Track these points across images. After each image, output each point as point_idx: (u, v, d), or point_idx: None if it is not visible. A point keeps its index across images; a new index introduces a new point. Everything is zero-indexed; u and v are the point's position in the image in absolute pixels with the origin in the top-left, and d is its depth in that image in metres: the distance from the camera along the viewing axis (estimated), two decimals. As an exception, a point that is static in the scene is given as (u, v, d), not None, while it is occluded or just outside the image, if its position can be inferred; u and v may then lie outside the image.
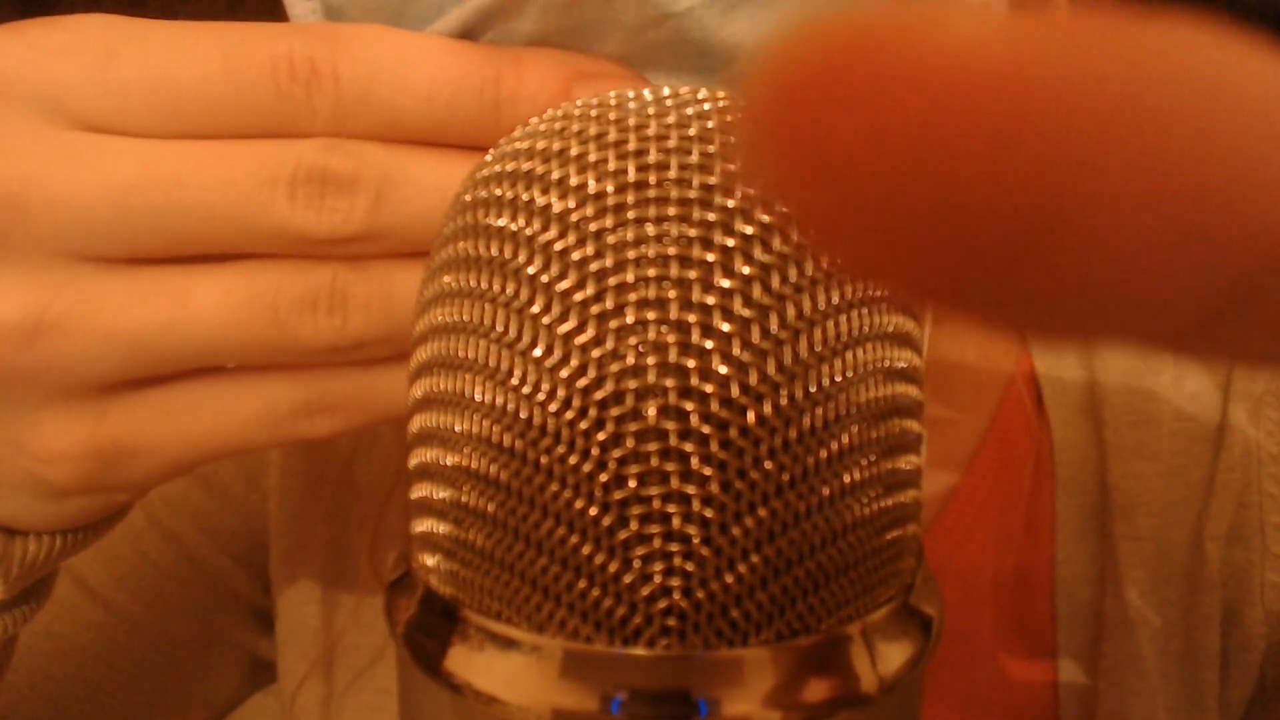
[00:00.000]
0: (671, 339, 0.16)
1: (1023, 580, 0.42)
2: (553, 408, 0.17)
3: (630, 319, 0.16)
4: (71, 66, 0.22)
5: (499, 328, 0.17)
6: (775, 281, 0.17)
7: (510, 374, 0.17)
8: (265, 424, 0.24)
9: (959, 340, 0.44)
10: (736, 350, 0.16)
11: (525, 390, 0.17)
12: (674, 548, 0.16)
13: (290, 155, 0.22)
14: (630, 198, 0.17)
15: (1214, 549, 0.41)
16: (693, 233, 0.17)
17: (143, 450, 0.24)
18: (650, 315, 0.16)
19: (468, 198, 0.19)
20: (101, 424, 0.23)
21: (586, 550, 0.17)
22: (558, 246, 0.17)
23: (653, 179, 0.17)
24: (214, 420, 0.24)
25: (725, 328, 0.16)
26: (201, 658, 0.46)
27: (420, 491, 0.19)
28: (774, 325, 0.17)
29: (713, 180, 0.17)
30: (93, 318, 0.22)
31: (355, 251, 0.23)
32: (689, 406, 0.16)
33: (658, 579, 0.16)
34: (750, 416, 0.16)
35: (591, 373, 0.16)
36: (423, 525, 0.19)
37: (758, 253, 0.17)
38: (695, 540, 0.16)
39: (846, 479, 0.17)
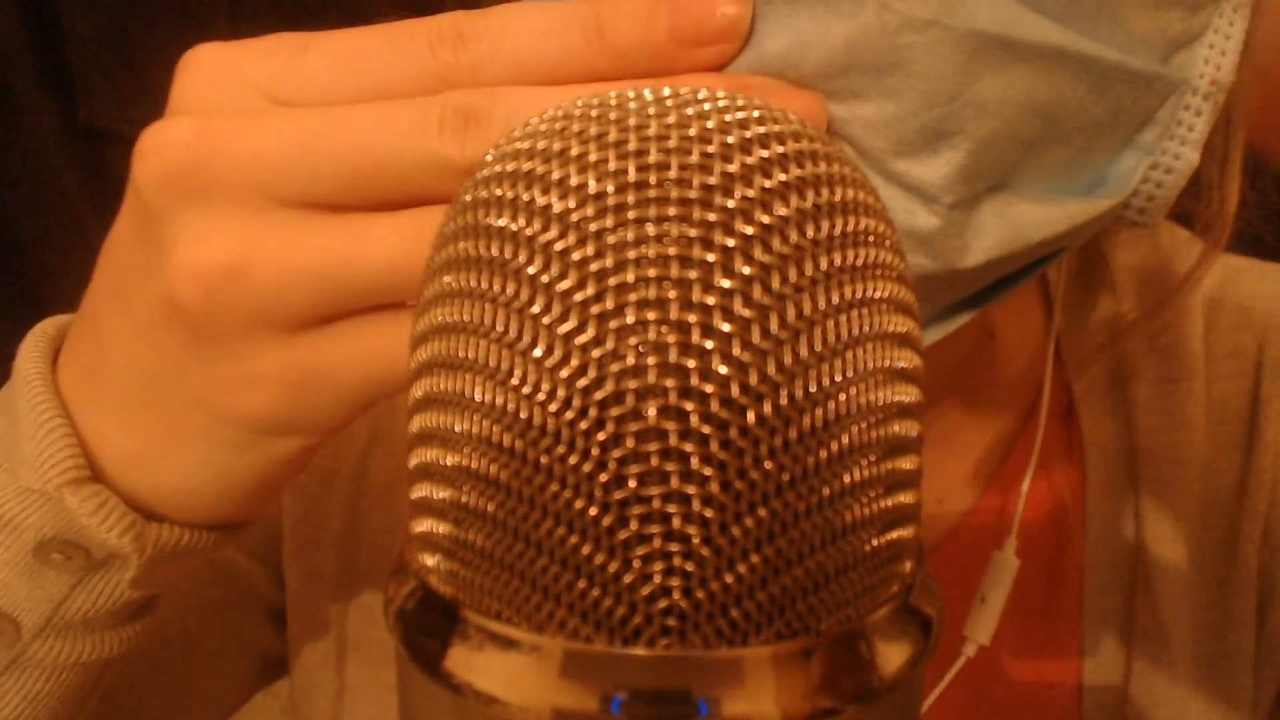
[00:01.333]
0: (672, 339, 0.16)
1: (1052, 585, 0.42)
2: (553, 408, 0.17)
3: (630, 319, 0.16)
4: (276, 58, 0.27)
5: (499, 328, 0.17)
6: (775, 282, 0.17)
7: (510, 374, 0.17)
8: None
9: (1013, 353, 0.44)
10: (737, 350, 0.16)
11: (525, 390, 0.17)
12: (674, 548, 0.16)
13: (440, 99, 0.26)
14: (630, 198, 0.17)
15: (1249, 551, 0.41)
16: (693, 233, 0.17)
17: (325, 376, 0.26)
18: (650, 315, 0.16)
19: (468, 198, 0.19)
20: (291, 351, 0.26)
21: (586, 550, 0.17)
22: (558, 246, 0.17)
23: (653, 179, 0.17)
24: (385, 348, 0.26)
25: (725, 328, 0.16)
26: (216, 655, 0.46)
27: (420, 491, 0.19)
28: (774, 325, 0.17)
29: (713, 180, 0.17)
30: (285, 256, 0.25)
31: None
32: (689, 407, 0.16)
33: (658, 579, 0.16)
34: (750, 417, 0.16)
35: (592, 373, 0.16)
36: (423, 525, 0.19)
37: (758, 253, 0.17)
38: (695, 540, 0.16)
39: (847, 479, 0.17)
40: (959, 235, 0.28)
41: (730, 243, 0.17)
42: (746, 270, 0.17)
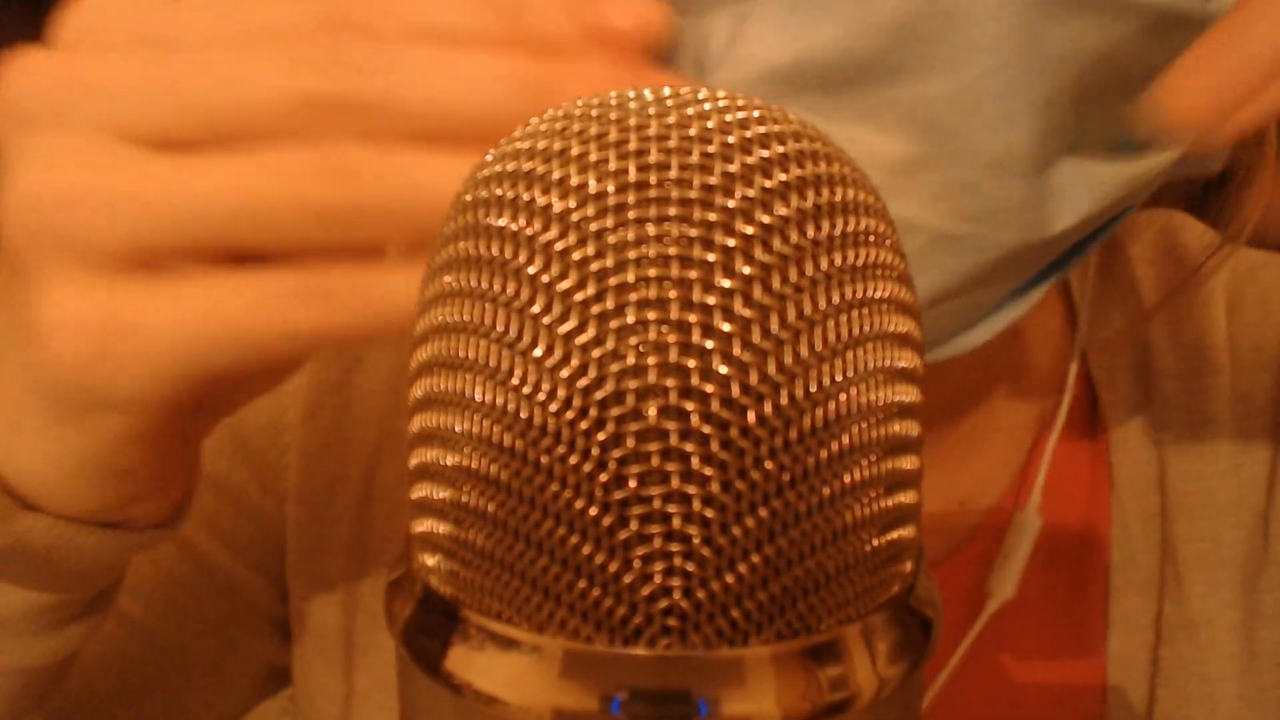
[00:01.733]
0: (672, 339, 0.16)
1: (1078, 585, 0.42)
2: (553, 408, 0.17)
3: (631, 319, 0.16)
4: (153, 2, 0.26)
5: (499, 328, 0.17)
6: (776, 281, 0.17)
7: (511, 374, 0.17)
8: (260, 308, 0.25)
9: (1033, 345, 0.44)
10: (737, 350, 0.16)
11: (525, 390, 0.17)
12: (674, 548, 0.16)
13: (316, 39, 0.24)
14: (631, 198, 0.17)
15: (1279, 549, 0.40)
16: (693, 233, 0.17)
17: (143, 330, 0.25)
18: (651, 315, 0.16)
19: (468, 198, 0.19)
20: (110, 295, 0.25)
21: (587, 550, 0.17)
22: (558, 246, 0.17)
23: (653, 179, 0.17)
24: (211, 303, 0.25)
25: (726, 328, 0.16)
26: (215, 668, 0.45)
27: (420, 492, 0.19)
28: (775, 325, 0.17)
29: (713, 180, 0.17)
30: (118, 185, 0.24)
31: (369, 125, 0.25)
32: (690, 406, 0.16)
33: (658, 579, 0.16)
34: (751, 416, 0.16)
35: (592, 373, 0.16)
36: (423, 525, 0.19)
37: (758, 253, 0.17)
38: (696, 540, 0.16)
39: (847, 479, 0.17)
40: (1043, 202, 0.27)
41: (731, 242, 0.17)
42: (747, 270, 0.17)
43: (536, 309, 0.17)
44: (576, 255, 0.17)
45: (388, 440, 0.44)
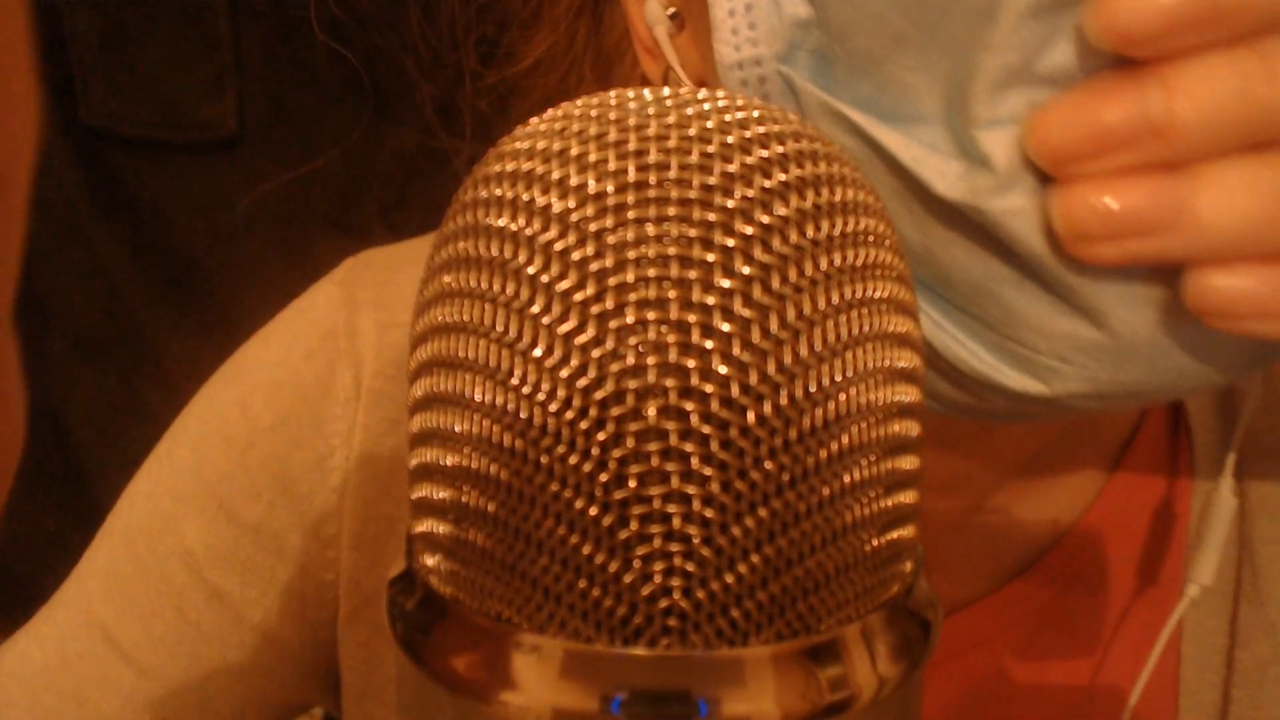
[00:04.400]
0: (672, 339, 0.16)
1: (1151, 604, 0.41)
2: (553, 408, 0.17)
3: (631, 319, 0.16)
4: None
5: (499, 328, 0.17)
6: (775, 281, 0.17)
7: (510, 374, 0.17)
8: None
9: None
10: (737, 350, 0.16)
11: (525, 390, 0.17)
12: (674, 547, 0.16)
13: None
14: (630, 198, 0.17)
15: None
16: (693, 233, 0.17)
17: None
18: (651, 315, 0.16)
19: (468, 198, 0.19)
20: None
21: (587, 550, 0.17)
22: (558, 246, 0.17)
23: (653, 179, 0.17)
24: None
25: (726, 328, 0.16)
26: (238, 716, 0.43)
27: (420, 492, 0.19)
28: (774, 325, 0.17)
29: (713, 180, 0.17)
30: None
31: None
32: (689, 406, 0.16)
33: (658, 579, 0.16)
34: (750, 416, 0.16)
35: (592, 373, 0.16)
36: (423, 525, 0.19)
37: (758, 253, 0.17)
38: (696, 540, 0.16)
39: (847, 479, 0.17)
40: None
41: (730, 243, 0.17)
42: (746, 270, 0.17)
43: (536, 309, 0.17)
44: (576, 255, 0.17)
45: None
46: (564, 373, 0.17)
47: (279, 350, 0.41)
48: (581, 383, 0.16)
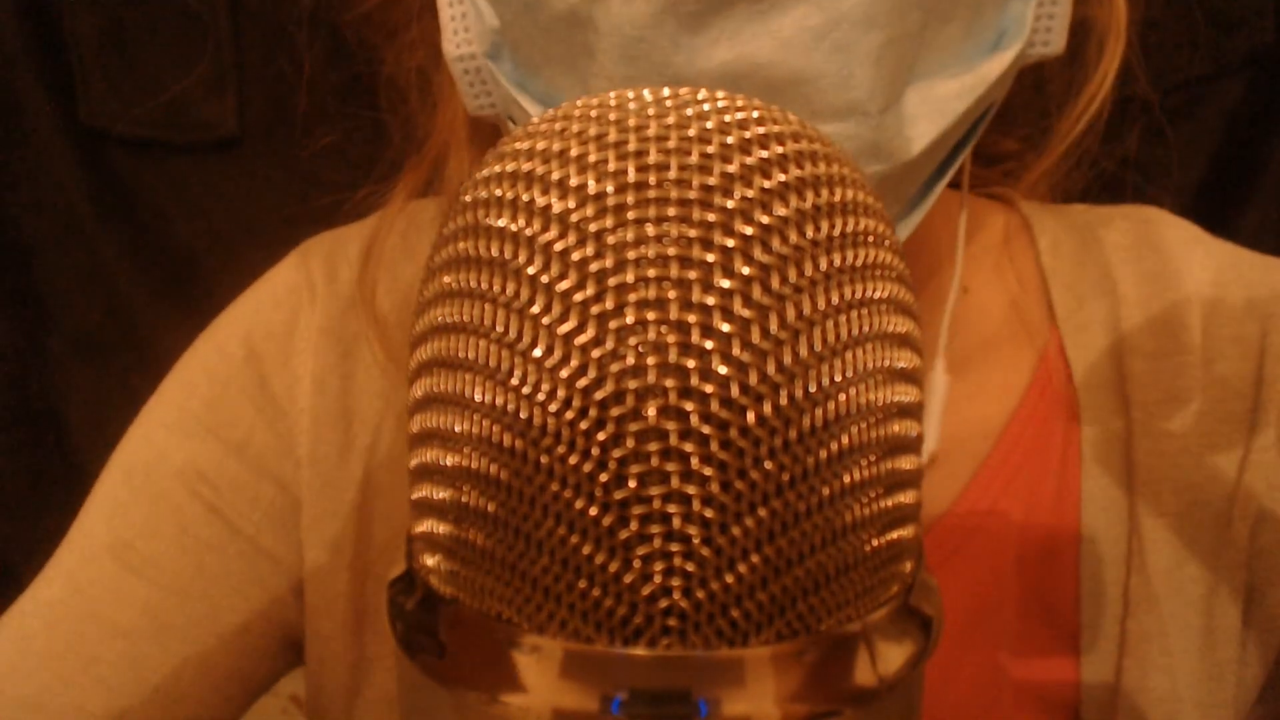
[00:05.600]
0: (672, 339, 0.16)
1: (1048, 556, 0.42)
2: (553, 408, 0.17)
3: (630, 319, 0.16)
4: None
5: (499, 328, 0.17)
6: (775, 282, 0.17)
7: (510, 374, 0.17)
8: None
9: (992, 314, 0.44)
10: (736, 350, 0.16)
11: (525, 390, 0.17)
12: (674, 548, 0.16)
13: None
14: (630, 198, 0.17)
15: (1243, 529, 0.41)
16: (693, 233, 0.17)
17: None
18: (650, 315, 0.16)
19: (468, 198, 0.19)
20: None
21: (587, 550, 0.17)
22: (558, 247, 0.17)
23: (653, 180, 0.17)
24: None
25: (725, 328, 0.16)
26: (244, 630, 0.46)
27: (421, 492, 0.19)
28: (774, 326, 0.17)
29: (713, 181, 0.17)
30: None
31: None
32: (689, 407, 0.16)
33: (658, 579, 0.16)
34: (750, 417, 0.16)
35: (592, 373, 0.16)
36: (423, 525, 0.19)
37: (758, 253, 0.17)
38: (696, 540, 0.16)
39: (847, 479, 0.17)
40: (898, 133, 0.31)
41: (730, 243, 0.17)
42: (746, 270, 0.17)
43: (536, 309, 0.17)
44: (576, 256, 0.17)
45: (390, 412, 0.45)
46: (564, 373, 0.17)
47: (250, 305, 0.47)
48: (581, 383, 0.16)
